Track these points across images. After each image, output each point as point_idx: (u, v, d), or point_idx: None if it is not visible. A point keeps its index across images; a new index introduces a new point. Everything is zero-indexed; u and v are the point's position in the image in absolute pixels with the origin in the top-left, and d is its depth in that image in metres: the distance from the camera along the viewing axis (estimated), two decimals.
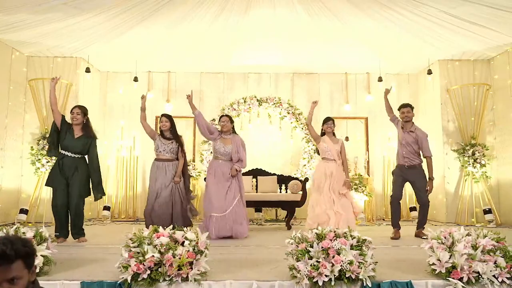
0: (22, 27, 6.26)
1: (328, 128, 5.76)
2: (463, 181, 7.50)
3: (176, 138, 5.65)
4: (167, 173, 5.47)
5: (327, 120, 5.83)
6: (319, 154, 5.95)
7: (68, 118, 5.11)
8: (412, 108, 5.66)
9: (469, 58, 7.75)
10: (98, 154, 5.22)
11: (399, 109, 5.70)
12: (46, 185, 5.14)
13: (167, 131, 5.62)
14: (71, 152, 4.98)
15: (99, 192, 5.16)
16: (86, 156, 5.12)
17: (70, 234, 4.98)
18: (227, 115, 5.85)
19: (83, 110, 5.16)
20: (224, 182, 5.44)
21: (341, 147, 5.75)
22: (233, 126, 5.78)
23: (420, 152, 5.57)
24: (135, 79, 8.08)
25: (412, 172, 5.52)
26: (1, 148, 6.78)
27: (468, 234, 3.00)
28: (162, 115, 5.76)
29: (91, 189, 5.11)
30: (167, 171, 5.48)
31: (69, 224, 4.99)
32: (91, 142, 5.12)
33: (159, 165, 5.51)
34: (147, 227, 3.46)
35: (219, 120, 5.82)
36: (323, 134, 5.87)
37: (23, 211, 6.88)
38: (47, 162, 7.00)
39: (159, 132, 5.76)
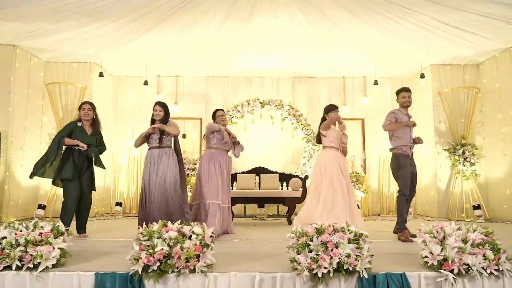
0: (40, 35, 6.29)
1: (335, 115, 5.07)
2: (453, 179, 7.48)
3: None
4: (163, 160, 4.77)
5: (335, 107, 5.14)
6: (318, 142, 5.23)
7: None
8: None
9: (460, 63, 7.73)
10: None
11: (398, 93, 4.92)
12: (60, 178, 4.75)
13: (159, 121, 4.89)
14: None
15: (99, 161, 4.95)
16: None
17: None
18: (221, 109, 5.40)
19: (93, 107, 4.94)
20: (220, 171, 5.09)
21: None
22: None
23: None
24: (145, 83, 8.08)
25: (412, 162, 4.82)
26: (20, 148, 6.80)
27: (458, 229, 2.99)
28: (156, 103, 4.96)
29: (98, 157, 4.88)
30: (164, 157, 4.79)
31: (76, 218, 4.82)
32: (101, 138, 4.98)
33: (154, 152, 4.81)
34: (148, 223, 3.19)
35: (214, 114, 5.34)
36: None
37: (41, 207, 6.90)
38: None
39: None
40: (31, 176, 4.81)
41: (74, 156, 4.76)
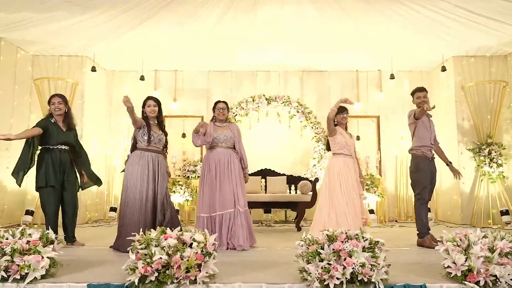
0: (27, 25, 6.32)
1: (344, 119, 5.06)
2: (479, 181, 7.43)
3: (163, 128, 4.80)
4: (159, 167, 4.55)
5: (343, 109, 5.05)
6: (328, 150, 5.22)
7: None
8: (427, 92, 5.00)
9: (485, 54, 7.67)
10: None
11: (413, 94, 5.03)
12: (40, 186, 4.64)
13: (154, 118, 4.70)
14: (66, 145, 4.75)
15: (99, 181, 5.06)
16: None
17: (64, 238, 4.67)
18: (224, 101, 5.08)
19: (64, 99, 4.84)
20: (227, 173, 4.74)
21: (354, 143, 5.21)
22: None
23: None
24: (142, 78, 8.11)
25: (432, 165, 4.95)
26: (6, 149, 6.83)
27: (484, 236, 2.96)
28: (149, 97, 4.77)
29: (90, 181, 4.95)
30: (160, 164, 4.57)
31: (64, 226, 4.81)
32: (76, 134, 4.94)
33: (149, 156, 4.53)
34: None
35: (214, 107, 5.06)
36: (335, 126, 5.14)
37: (29, 213, 6.92)
38: None
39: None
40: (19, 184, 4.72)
41: (52, 158, 4.66)
